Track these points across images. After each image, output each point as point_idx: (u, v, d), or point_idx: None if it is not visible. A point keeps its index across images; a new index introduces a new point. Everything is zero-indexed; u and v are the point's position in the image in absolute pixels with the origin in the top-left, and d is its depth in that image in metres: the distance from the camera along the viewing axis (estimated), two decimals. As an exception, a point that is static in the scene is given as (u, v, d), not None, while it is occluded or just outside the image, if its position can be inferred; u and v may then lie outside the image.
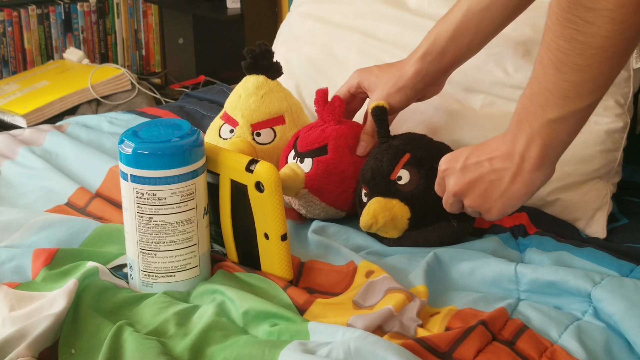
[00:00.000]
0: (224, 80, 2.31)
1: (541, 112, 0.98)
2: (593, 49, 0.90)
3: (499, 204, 1.07)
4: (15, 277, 1.14)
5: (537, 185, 1.05)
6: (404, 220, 1.20)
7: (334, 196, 1.27)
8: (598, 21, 0.88)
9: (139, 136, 1.08)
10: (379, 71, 1.33)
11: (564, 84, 0.94)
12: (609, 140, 1.32)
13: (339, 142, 1.28)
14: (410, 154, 1.22)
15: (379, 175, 1.22)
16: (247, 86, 1.40)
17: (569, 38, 0.90)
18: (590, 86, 0.94)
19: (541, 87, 0.97)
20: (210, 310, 1.04)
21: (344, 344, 0.94)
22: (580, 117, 0.98)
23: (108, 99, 2.55)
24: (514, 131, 1.02)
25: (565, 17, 0.90)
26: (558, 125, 0.98)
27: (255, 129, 1.37)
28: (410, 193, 1.20)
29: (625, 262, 1.13)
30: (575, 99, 0.95)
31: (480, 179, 1.08)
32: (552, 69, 0.94)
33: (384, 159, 1.22)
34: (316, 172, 1.27)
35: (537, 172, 1.03)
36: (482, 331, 0.99)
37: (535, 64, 0.97)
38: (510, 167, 1.04)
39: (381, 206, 1.19)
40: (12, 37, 2.80)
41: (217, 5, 2.83)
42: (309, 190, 1.26)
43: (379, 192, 1.21)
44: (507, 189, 1.05)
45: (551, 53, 0.93)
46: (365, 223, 1.20)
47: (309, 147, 1.29)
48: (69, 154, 1.51)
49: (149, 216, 1.07)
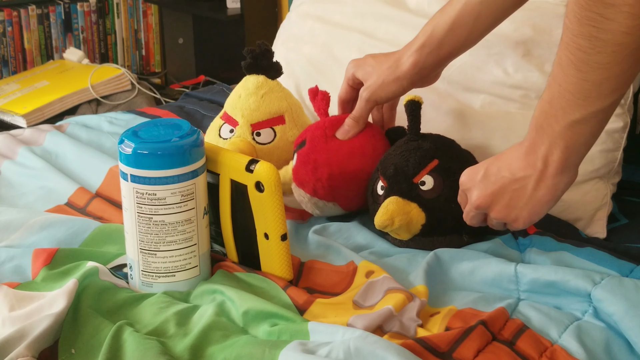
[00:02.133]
0: (224, 80, 2.31)
1: (562, 115, 0.97)
2: (614, 45, 0.89)
3: (524, 213, 1.07)
4: (15, 277, 1.14)
5: (561, 190, 1.04)
6: (418, 226, 1.19)
7: (311, 185, 1.27)
8: (618, 17, 0.87)
9: (139, 136, 1.08)
10: (374, 61, 1.32)
11: (585, 83, 0.94)
12: (609, 140, 1.32)
13: (316, 132, 1.29)
14: (439, 160, 1.20)
15: (402, 175, 1.20)
16: (247, 86, 1.40)
17: (589, 36, 0.90)
18: (611, 85, 0.93)
19: (561, 89, 0.96)
20: (210, 310, 1.04)
21: (344, 343, 0.94)
22: (602, 118, 0.98)
23: (108, 99, 2.55)
24: (534, 137, 1.02)
25: (584, 15, 0.89)
26: (580, 127, 0.98)
27: (255, 129, 1.37)
28: (430, 201, 1.18)
29: (625, 262, 1.13)
30: (596, 99, 0.95)
31: (503, 190, 1.07)
32: (573, 69, 0.94)
33: (410, 159, 1.20)
34: (297, 165, 1.28)
35: (560, 176, 1.02)
36: (482, 331, 0.99)
37: (554, 66, 0.97)
38: (532, 174, 1.03)
39: (399, 208, 1.18)
40: (12, 37, 2.80)
41: (217, 5, 2.83)
42: (295, 183, 1.27)
43: (398, 191, 1.19)
44: (532, 196, 1.05)
45: (571, 53, 0.93)
46: (381, 223, 1.18)
47: (295, 144, 1.31)
48: (69, 154, 1.51)
49: (149, 216, 1.07)
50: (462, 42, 1.27)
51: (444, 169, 1.19)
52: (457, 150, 1.24)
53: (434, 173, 1.19)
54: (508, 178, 1.06)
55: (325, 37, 1.62)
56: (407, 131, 1.25)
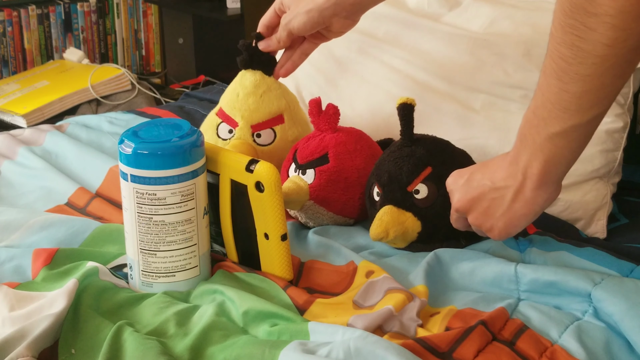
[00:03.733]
0: (224, 80, 2.31)
1: (543, 126, 0.96)
2: (594, 57, 0.88)
3: (500, 223, 1.06)
4: (15, 277, 1.14)
5: (539, 205, 1.03)
6: (414, 234, 1.19)
7: (340, 204, 1.26)
8: (599, 27, 0.86)
9: (139, 136, 1.08)
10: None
11: (565, 94, 0.92)
12: (609, 140, 1.32)
13: (339, 149, 1.27)
14: (432, 168, 1.18)
15: (395, 183, 1.18)
16: (244, 84, 1.38)
17: (571, 45, 0.89)
18: (591, 98, 0.92)
19: (544, 99, 0.95)
20: (210, 310, 1.04)
21: (344, 344, 0.94)
22: (582, 134, 0.96)
23: (108, 99, 2.55)
24: (518, 147, 1.01)
25: (567, 23, 0.88)
26: (559, 140, 0.96)
27: (255, 130, 1.36)
28: (425, 209, 1.18)
29: (625, 262, 1.13)
30: (576, 112, 0.93)
31: (482, 197, 1.06)
32: (554, 78, 0.92)
33: (403, 168, 1.18)
34: (320, 182, 1.25)
35: (538, 190, 1.01)
36: (482, 331, 0.99)
37: (540, 75, 0.96)
38: (512, 185, 1.03)
39: (394, 219, 1.17)
40: (12, 37, 2.80)
41: (217, 5, 2.83)
42: (314, 201, 1.25)
43: (393, 200, 1.19)
44: (509, 207, 1.04)
45: (553, 61, 0.92)
46: (376, 235, 1.17)
47: (309, 158, 1.27)
48: (69, 154, 1.51)
49: (149, 216, 1.07)
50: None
51: (437, 176, 1.18)
52: (451, 154, 1.22)
53: (427, 181, 1.18)
54: (488, 186, 1.05)
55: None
56: (400, 135, 1.23)
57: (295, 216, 1.29)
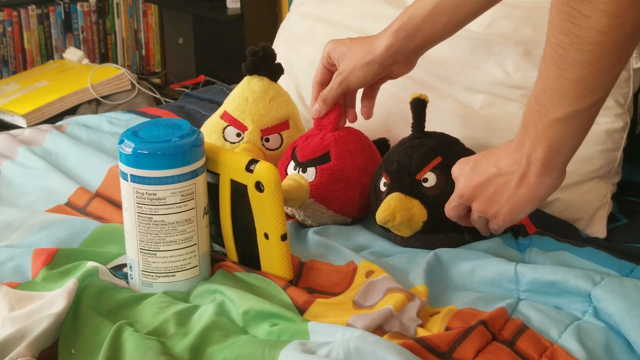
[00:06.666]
0: (224, 80, 2.31)
1: (545, 112, 0.97)
2: (590, 44, 0.89)
3: (505, 209, 1.06)
4: (15, 277, 1.14)
5: (543, 191, 1.03)
6: (420, 223, 1.19)
7: (341, 203, 1.26)
8: (594, 15, 0.87)
9: (139, 136, 1.08)
10: (350, 42, 1.30)
11: (563, 81, 0.94)
12: (609, 140, 1.32)
13: (341, 148, 1.27)
14: (442, 158, 1.20)
15: (404, 171, 1.20)
16: (253, 89, 1.38)
17: (567, 32, 0.90)
18: (589, 85, 0.93)
19: (544, 85, 0.96)
20: (210, 310, 1.04)
21: (344, 343, 0.94)
22: (583, 120, 0.97)
23: (108, 98, 2.55)
24: (521, 134, 1.02)
25: (563, 10, 0.89)
26: (561, 126, 0.97)
27: (264, 135, 1.37)
28: (432, 197, 1.18)
29: (625, 262, 1.13)
30: (575, 98, 0.95)
31: (488, 182, 1.07)
32: (553, 65, 0.94)
33: (413, 156, 1.20)
34: (321, 181, 1.25)
35: (542, 176, 1.02)
36: (482, 331, 0.99)
37: (541, 62, 0.97)
38: (517, 170, 1.03)
39: (401, 204, 1.17)
40: (12, 37, 2.80)
41: (217, 5, 2.83)
42: (314, 199, 1.25)
43: (401, 187, 1.19)
44: (514, 193, 1.05)
45: (552, 48, 0.93)
46: (382, 218, 1.17)
47: (310, 156, 1.28)
48: (69, 154, 1.51)
49: (149, 216, 1.07)
50: (439, 29, 1.25)
51: (447, 166, 1.18)
52: (461, 148, 1.24)
53: (437, 170, 1.19)
54: (494, 172, 1.06)
55: (325, 37, 1.61)
56: (411, 128, 1.25)
57: (293, 214, 1.29)
